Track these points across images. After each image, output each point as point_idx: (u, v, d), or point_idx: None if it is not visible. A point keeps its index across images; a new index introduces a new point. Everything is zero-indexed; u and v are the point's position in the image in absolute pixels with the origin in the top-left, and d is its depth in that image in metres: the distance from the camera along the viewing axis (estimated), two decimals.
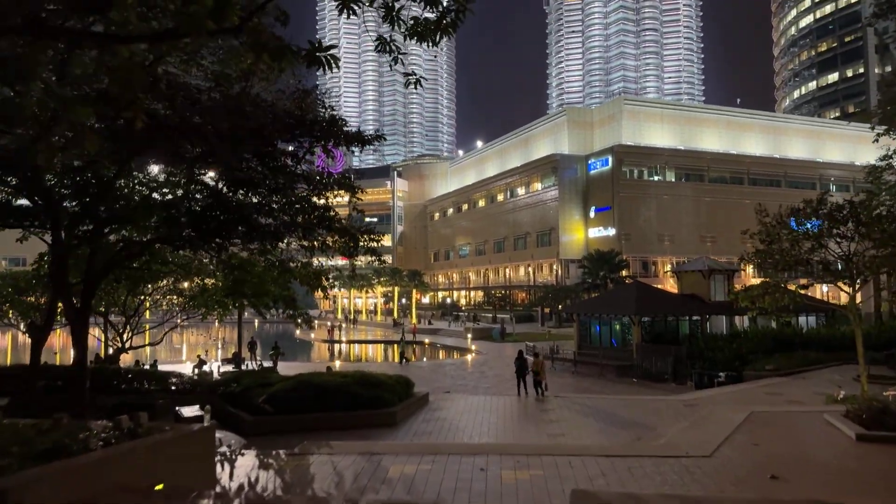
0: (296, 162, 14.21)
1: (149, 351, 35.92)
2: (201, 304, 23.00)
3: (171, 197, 13.50)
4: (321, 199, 14.80)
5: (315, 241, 14.91)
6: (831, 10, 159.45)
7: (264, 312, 18.42)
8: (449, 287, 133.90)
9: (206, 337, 77.33)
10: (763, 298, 21.58)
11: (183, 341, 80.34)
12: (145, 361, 39.07)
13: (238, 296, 17.64)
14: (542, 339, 58.11)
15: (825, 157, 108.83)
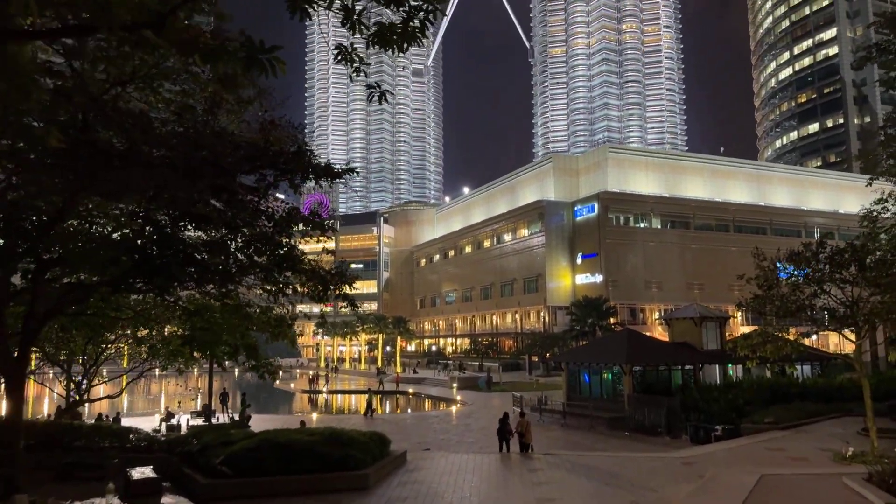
0: (258, 196, 12.94)
1: (125, 402, 33.86)
2: (159, 353, 21.38)
3: (116, 234, 12.16)
4: (284, 238, 13.48)
5: (278, 284, 13.52)
6: (810, 62, 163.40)
7: (224, 363, 16.79)
8: (435, 334, 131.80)
9: (182, 387, 74.59)
10: (764, 347, 20.31)
11: (161, 391, 77.61)
12: (109, 414, 36.93)
13: (194, 345, 16.12)
14: (529, 388, 56.25)
15: (809, 206, 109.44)
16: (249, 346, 16.08)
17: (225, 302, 13.87)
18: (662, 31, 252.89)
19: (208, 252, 12.23)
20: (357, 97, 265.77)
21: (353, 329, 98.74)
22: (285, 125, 15.26)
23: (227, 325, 14.57)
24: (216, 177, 11.78)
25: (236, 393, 78.10)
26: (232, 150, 12.44)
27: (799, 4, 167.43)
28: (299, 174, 13.62)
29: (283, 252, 13.34)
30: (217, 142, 12.45)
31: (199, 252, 12.04)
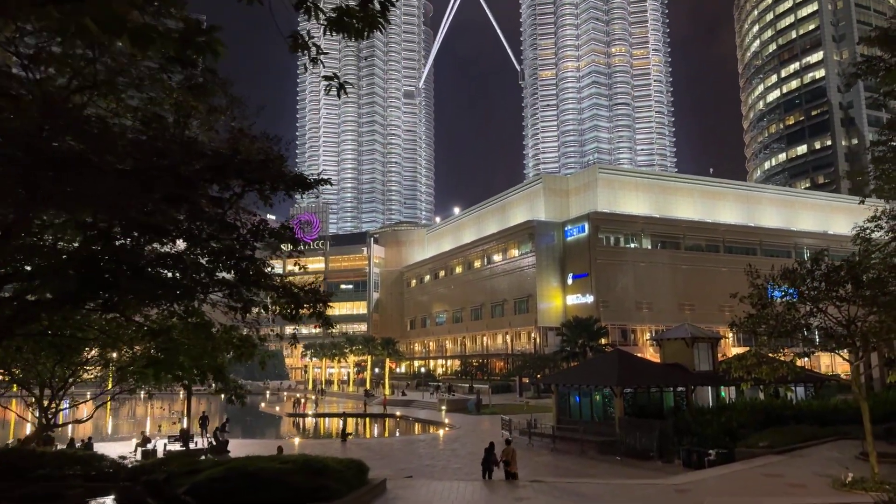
0: (222, 208, 12.12)
1: (109, 426, 32.61)
2: (127, 376, 20.32)
3: (60, 244, 11.32)
4: (248, 252, 12.62)
5: (244, 301, 12.65)
6: (797, 85, 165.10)
7: (191, 386, 15.81)
8: (425, 356, 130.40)
9: (165, 410, 72.91)
10: (759, 368, 19.55)
11: (146, 414, 75.94)
12: (84, 439, 35.65)
13: (158, 367, 15.17)
14: (519, 411, 55.16)
15: (799, 226, 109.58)
16: (215, 369, 15.15)
17: (188, 321, 12.98)
18: (651, 54, 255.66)
19: (164, 266, 11.39)
20: (349, 118, 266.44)
21: (342, 350, 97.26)
22: (260, 136, 14.53)
23: (191, 345, 13.64)
24: (174, 186, 10.98)
25: (222, 416, 76.57)
26: (193, 159, 11.65)
27: (785, 28, 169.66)
28: (268, 184, 12.83)
29: (247, 267, 12.47)
30: (176, 149, 11.66)
31: (154, 266, 11.19)
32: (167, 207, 10.81)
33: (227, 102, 14.97)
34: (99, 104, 13.84)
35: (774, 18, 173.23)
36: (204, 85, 14.61)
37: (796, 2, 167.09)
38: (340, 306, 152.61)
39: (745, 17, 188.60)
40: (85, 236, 10.99)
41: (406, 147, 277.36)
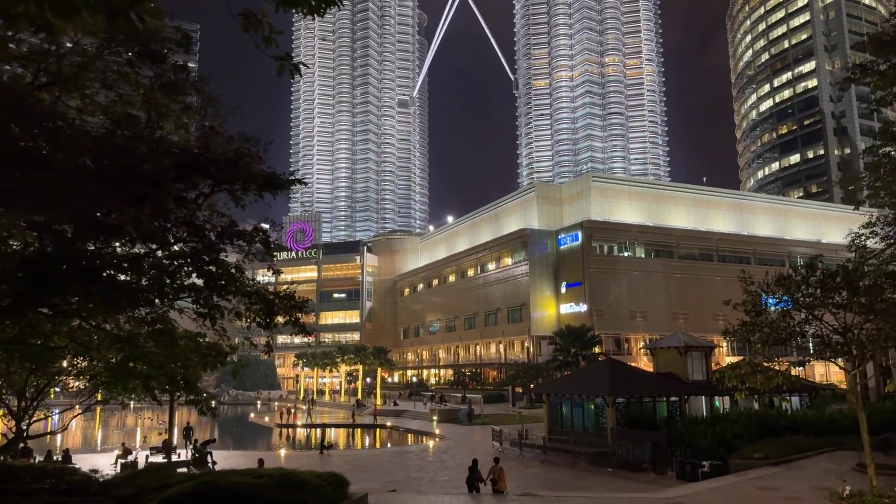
0: (187, 208, 11.48)
1: (100, 435, 31.76)
2: (97, 386, 19.55)
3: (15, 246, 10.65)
4: (215, 255, 11.96)
5: (211, 307, 11.98)
6: (789, 94, 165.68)
7: (159, 397, 15.09)
8: (418, 365, 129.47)
9: (153, 420, 71.86)
10: (754, 378, 18.97)
11: (137, 425, 74.94)
12: (66, 449, 34.80)
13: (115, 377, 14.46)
14: (512, 421, 54.42)
15: (792, 235, 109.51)
16: (182, 378, 14.44)
17: (151, 328, 12.30)
18: (644, 64, 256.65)
19: (122, 269, 10.73)
20: (343, 127, 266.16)
21: (333, 360, 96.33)
22: (237, 136, 13.93)
23: (154, 354, 12.94)
24: (135, 184, 10.35)
25: (213, 428, 75.52)
26: (157, 156, 11.03)
27: (778, 38, 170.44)
28: (239, 184, 12.20)
29: (214, 271, 11.82)
30: (140, 147, 11.06)
31: (110, 269, 10.53)
32: (127, 207, 10.17)
33: (201, 101, 14.42)
34: (69, 103, 13.28)
35: (767, 28, 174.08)
36: (175, 83, 14.03)
37: (789, 12, 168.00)
38: (333, 315, 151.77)
39: (738, 27, 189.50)
40: (29, 236, 10.35)
41: (400, 156, 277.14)
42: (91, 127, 13.25)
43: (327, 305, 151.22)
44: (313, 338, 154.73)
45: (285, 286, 14.14)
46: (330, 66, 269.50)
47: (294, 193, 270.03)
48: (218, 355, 13.50)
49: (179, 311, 12.65)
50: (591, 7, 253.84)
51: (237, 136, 14.09)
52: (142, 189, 10.30)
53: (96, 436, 65.57)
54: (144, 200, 10.41)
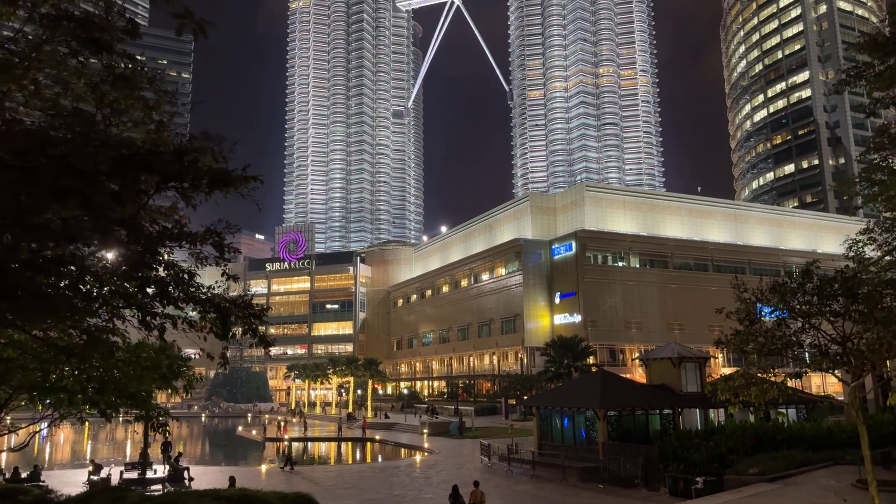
0: (127, 207, 10.46)
1: (87, 450, 30.54)
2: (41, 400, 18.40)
3: None
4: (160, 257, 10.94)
5: (152, 314, 10.97)
6: (783, 104, 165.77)
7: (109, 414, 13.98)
8: (412, 377, 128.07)
9: (138, 433, 70.25)
10: (748, 390, 17.96)
11: (127, 438, 73.40)
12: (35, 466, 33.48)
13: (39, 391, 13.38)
14: (503, 434, 53.26)
15: (787, 245, 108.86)
16: (128, 395, 13.35)
17: (85, 339, 11.25)
18: (639, 75, 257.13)
19: (45, 273, 9.71)
20: (337, 137, 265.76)
21: (325, 372, 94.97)
22: (199, 134, 12.95)
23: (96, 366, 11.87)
24: (62, 178, 9.36)
25: (203, 441, 73.93)
26: (94, 150, 10.05)
27: (772, 48, 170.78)
28: (188, 181, 11.20)
29: (156, 276, 10.81)
30: (74, 138, 10.08)
31: (28, 272, 9.51)
32: (51, 203, 9.18)
33: (157, 97, 13.46)
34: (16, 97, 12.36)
35: (760, 39, 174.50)
36: (126, 76, 13.07)
37: (782, 22, 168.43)
38: (326, 326, 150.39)
39: (732, 37, 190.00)
40: None
41: (395, 166, 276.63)
42: (33, 120, 12.34)
43: (320, 316, 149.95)
44: (305, 349, 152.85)
45: (245, 294, 13.05)
46: (324, 76, 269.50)
47: (288, 204, 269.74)
48: (157, 368, 12.40)
49: (123, 320, 11.63)
50: (585, 18, 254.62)
51: (200, 135, 13.15)
52: (68, 183, 9.31)
53: (85, 449, 64.03)
54: (70, 196, 9.42)
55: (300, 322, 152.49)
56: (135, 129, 12.70)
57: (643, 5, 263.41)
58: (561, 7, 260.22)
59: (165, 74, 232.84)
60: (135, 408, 13.30)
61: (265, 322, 13.19)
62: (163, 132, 12.44)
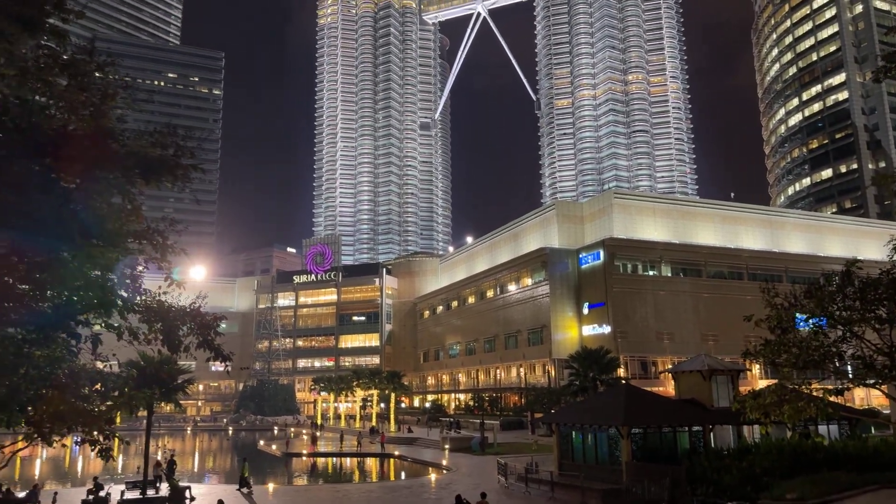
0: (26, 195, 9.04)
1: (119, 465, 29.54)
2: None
3: None
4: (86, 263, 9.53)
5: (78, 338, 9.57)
6: (819, 107, 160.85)
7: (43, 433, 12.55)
8: (438, 389, 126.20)
9: (162, 448, 69.56)
10: (780, 408, 15.89)
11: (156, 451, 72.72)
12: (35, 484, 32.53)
13: None
14: (527, 450, 51.18)
15: (825, 252, 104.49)
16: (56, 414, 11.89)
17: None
18: (669, 81, 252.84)
19: None
20: (365, 150, 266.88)
21: (349, 384, 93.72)
22: (166, 128, 11.59)
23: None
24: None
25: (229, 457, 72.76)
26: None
27: (806, 51, 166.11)
28: (116, 169, 9.79)
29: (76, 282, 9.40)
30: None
31: None
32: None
33: (112, 88, 12.13)
34: None
35: (794, 41, 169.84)
36: (75, 62, 11.79)
37: (816, 24, 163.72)
38: (353, 339, 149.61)
39: (764, 40, 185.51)
40: None
41: (422, 178, 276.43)
42: None
43: (347, 328, 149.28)
44: (332, 361, 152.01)
45: (194, 302, 11.57)
46: (352, 90, 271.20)
47: (317, 217, 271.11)
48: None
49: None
50: (612, 26, 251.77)
51: (166, 129, 11.81)
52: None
53: (116, 465, 62.41)
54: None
55: (327, 334, 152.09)
56: (72, 114, 11.41)
57: (672, 11, 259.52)
58: (588, 15, 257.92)
59: (198, 91, 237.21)
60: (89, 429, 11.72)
61: (219, 333, 11.68)
62: (99, 119, 11.08)
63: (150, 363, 30.40)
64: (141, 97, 14.15)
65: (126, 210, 11.19)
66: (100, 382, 15.41)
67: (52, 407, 10.20)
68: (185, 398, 45.19)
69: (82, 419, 11.69)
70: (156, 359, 30.50)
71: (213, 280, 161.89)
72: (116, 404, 18.20)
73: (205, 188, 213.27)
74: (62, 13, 10.86)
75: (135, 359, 30.36)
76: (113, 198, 10.78)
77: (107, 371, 16.68)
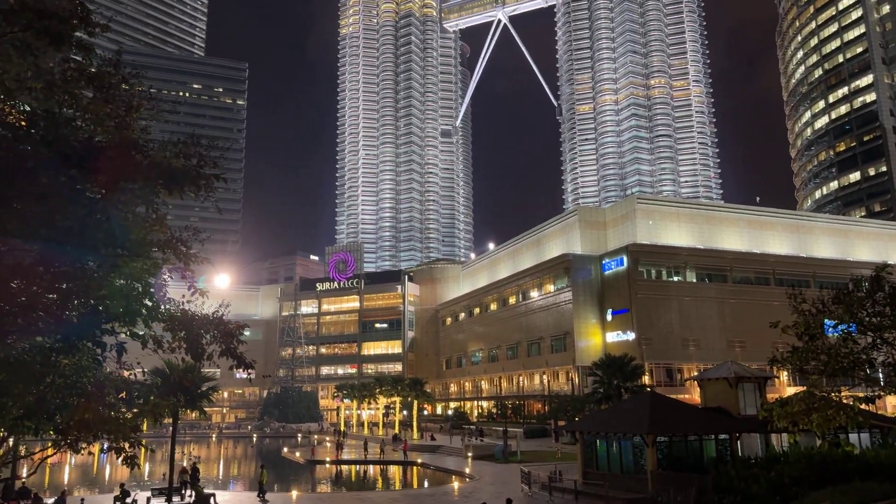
0: (52, 205, 9.18)
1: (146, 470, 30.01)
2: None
3: None
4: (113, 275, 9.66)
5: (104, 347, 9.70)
6: (846, 110, 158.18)
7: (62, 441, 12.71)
8: (461, 397, 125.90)
9: (184, 455, 70.28)
10: (808, 416, 15.56)
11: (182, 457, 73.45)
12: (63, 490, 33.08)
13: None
14: (551, 458, 50.74)
15: (854, 256, 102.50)
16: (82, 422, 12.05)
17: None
18: (692, 85, 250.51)
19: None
20: (387, 158, 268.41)
21: (372, 392, 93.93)
22: (188, 139, 11.76)
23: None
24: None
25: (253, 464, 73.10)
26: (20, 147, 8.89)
27: (832, 52, 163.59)
28: (139, 180, 9.92)
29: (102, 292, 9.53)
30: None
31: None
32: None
33: (137, 99, 12.35)
34: None
35: (819, 43, 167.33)
36: (101, 75, 12.02)
37: (842, 25, 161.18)
38: (375, 346, 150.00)
39: (789, 43, 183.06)
40: None
41: (444, 185, 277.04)
42: None
43: (370, 335, 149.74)
44: (355, 368, 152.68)
45: (217, 310, 11.69)
46: (374, 98, 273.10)
47: (340, 224, 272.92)
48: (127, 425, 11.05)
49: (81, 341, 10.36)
50: (634, 31, 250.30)
51: (190, 139, 11.98)
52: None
53: (143, 471, 62.41)
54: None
55: (350, 341, 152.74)
56: (98, 126, 11.63)
57: (694, 15, 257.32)
58: (609, 21, 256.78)
59: (222, 102, 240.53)
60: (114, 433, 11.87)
61: (242, 342, 11.78)
62: (124, 130, 11.27)
63: (175, 371, 30.76)
64: (166, 108, 14.33)
65: (151, 220, 11.38)
66: (125, 391, 15.63)
67: (78, 415, 10.39)
68: (210, 405, 45.64)
69: (108, 427, 11.86)
70: (180, 367, 30.77)
71: (238, 288, 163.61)
72: (142, 412, 18.45)
73: (229, 197, 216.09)
74: (88, 27, 11.06)
75: (160, 367, 30.83)
76: (137, 207, 10.95)
77: (132, 379, 16.95)
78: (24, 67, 11.04)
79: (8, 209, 8.42)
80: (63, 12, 10.84)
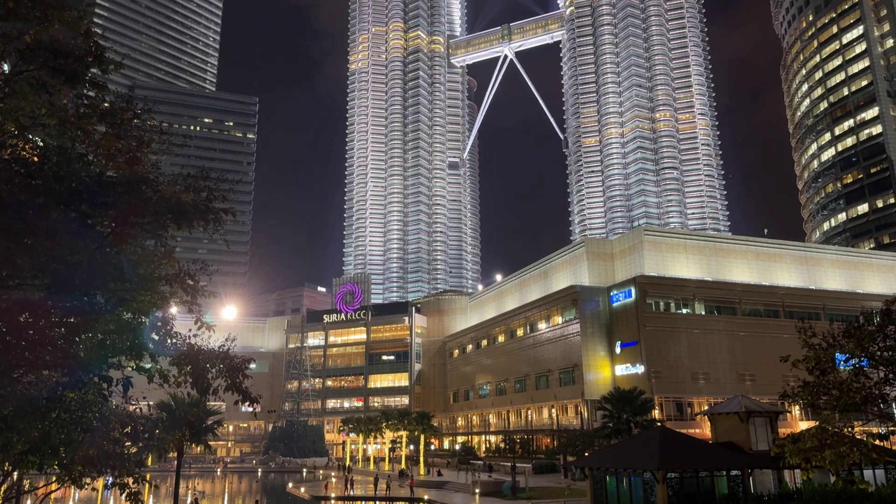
0: (59, 241, 9.25)
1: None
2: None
3: None
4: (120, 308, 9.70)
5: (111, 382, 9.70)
6: (852, 142, 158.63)
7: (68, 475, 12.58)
8: (468, 431, 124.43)
9: (188, 489, 69.50)
10: (821, 452, 15.28)
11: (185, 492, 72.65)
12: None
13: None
14: (559, 495, 49.97)
15: (864, 289, 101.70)
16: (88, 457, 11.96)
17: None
18: (697, 119, 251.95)
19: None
20: (394, 190, 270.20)
21: (378, 425, 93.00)
22: (198, 172, 11.91)
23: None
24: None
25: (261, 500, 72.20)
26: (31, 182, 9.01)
27: (837, 86, 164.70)
28: (148, 215, 10.02)
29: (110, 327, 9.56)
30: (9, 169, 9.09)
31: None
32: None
33: (148, 134, 12.56)
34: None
35: (824, 76, 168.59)
36: (115, 111, 12.23)
37: (846, 59, 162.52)
38: (382, 378, 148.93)
39: (793, 76, 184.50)
40: None
41: (451, 216, 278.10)
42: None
43: (376, 368, 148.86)
44: (361, 401, 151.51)
45: (223, 344, 11.68)
46: (382, 132, 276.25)
47: (347, 256, 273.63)
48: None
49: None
50: (639, 65, 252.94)
51: (199, 173, 12.13)
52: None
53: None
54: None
55: (356, 374, 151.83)
56: (110, 161, 11.80)
57: (699, 49, 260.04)
58: (614, 55, 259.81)
59: (232, 136, 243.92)
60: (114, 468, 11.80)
61: (247, 375, 11.74)
62: (135, 166, 11.42)
63: (181, 405, 30.66)
64: (176, 142, 14.53)
65: (159, 253, 11.47)
66: (130, 425, 15.56)
67: (83, 451, 10.33)
68: (215, 439, 45.41)
69: (112, 462, 11.78)
70: (186, 400, 30.71)
71: (244, 320, 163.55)
72: (147, 447, 18.34)
73: (238, 229, 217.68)
74: (102, 65, 11.29)
75: (165, 400, 30.71)
76: (147, 241, 11.04)
77: (138, 413, 16.90)
78: (39, 104, 11.25)
79: (18, 244, 8.51)
80: (78, 51, 11.08)
